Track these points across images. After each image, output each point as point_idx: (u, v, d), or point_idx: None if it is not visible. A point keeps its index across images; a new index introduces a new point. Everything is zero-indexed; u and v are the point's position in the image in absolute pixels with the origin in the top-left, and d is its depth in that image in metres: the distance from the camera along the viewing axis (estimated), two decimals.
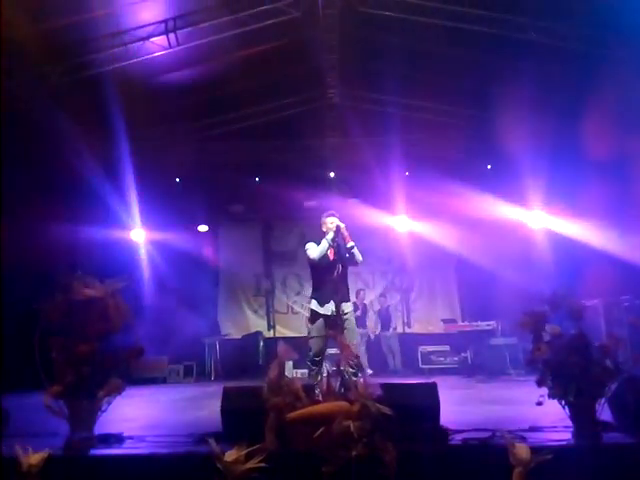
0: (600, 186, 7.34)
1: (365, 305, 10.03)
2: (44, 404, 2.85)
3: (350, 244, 4.71)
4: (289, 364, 7.95)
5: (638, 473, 2.54)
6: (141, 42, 7.26)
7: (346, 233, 4.74)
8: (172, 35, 7.27)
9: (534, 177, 8.52)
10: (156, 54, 7.42)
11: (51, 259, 7.65)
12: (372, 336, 9.96)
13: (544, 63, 7.58)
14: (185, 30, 7.28)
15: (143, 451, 2.83)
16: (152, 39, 7.27)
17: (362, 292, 10.01)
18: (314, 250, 4.73)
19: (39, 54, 6.98)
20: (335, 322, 4.54)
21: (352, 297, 7.68)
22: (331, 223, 4.77)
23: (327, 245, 4.69)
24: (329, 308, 4.59)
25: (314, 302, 4.69)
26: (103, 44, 7.21)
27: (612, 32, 6.81)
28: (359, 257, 4.76)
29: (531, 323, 2.85)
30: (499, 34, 7.25)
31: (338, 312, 4.56)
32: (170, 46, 7.32)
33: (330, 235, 4.71)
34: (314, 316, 4.66)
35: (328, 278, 4.65)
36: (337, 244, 4.73)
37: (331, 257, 4.71)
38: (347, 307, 4.67)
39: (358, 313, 9.42)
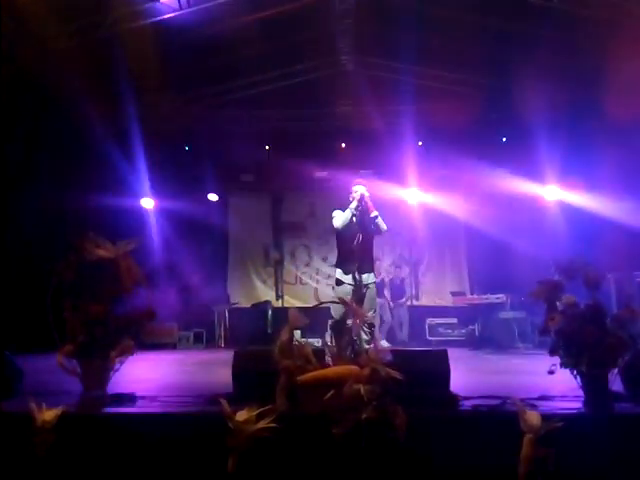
0: (616, 158, 7.20)
1: (381, 275, 10.03)
2: (57, 363, 2.89)
3: (374, 213, 4.69)
4: (297, 333, 8.02)
5: None
6: (151, 3, 7.10)
7: (370, 203, 4.70)
8: None
9: (549, 150, 8.35)
10: (166, 16, 7.26)
11: (63, 226, 7.69)
12: (392, 304, 9.93)
13: (564, 31, 7.33)
14: None
15: (155, 410, 2.86)
16: (162, 0, 7.11)
17: (377, 262, 10.00)
18: (338, 218, 4.71)
19: (47, 16, 6.86)
20: (358, 290, 4.54)
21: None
22: (355, 192, 4.74)
23: (350, 214, 4.67)
24: (352, 277, 4.59)
25: (339, 271, 4.71)
26: (112, 4, 7.05)
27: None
28: (383, 226, 4.74)
29: (545, 292, 2.82)
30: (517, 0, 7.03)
31: (361, 281, 4.55)
32: (181, 7, 7.16)
33: (354, 204, 4.69)
34: (338, 284, 4.68)
35: (352, 247, 4.64)
36: (361, 213, 4.69)
37: (355, 226, 4.68)
38: (370, 277, 4.68)
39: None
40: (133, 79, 7.92)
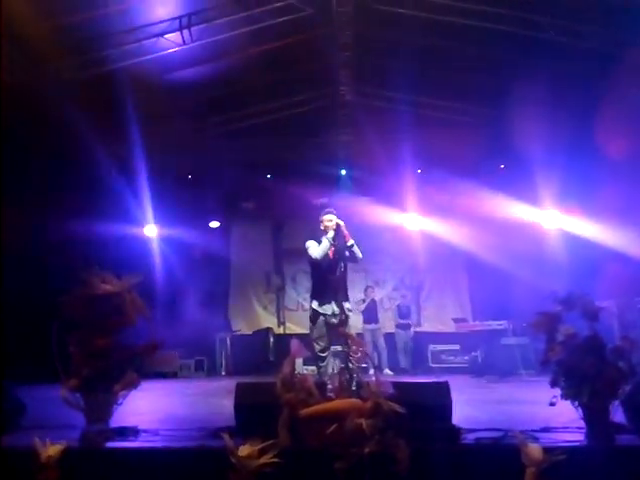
0: (614, 185, 7.27)
1: (374, 301, 10.00)
2: (61, 397, 2.90)
3: (350, 242, 4.68)
4: (299, 361, 7.99)
5: None
6: (155, 39, 7.30)
7: (346, 231, 4.70)
8: (186, 32, 7.30)
9: (548, 176, 8.44)
10: (170, 50, 7.46)
11: (67, 254, 7.75)
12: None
13: (560, 61, 7.51)
14: (199, 27, 7.32)
15: (158, 444, 2.87)
16: (166, 36, 7.31)
17: (370, 289, 10.00)
18: (315, 249, 4.69)
19: (53, 50, 7.04)
20: (336, 321, 4.53)
21: (359, 295, 7.58)
22: (329, 221, 4.72)
23: (328, 244, 4.64)
24: (330, 308, 4.58)
25: (315, 302, 4.67)
26: (117, 40, 7.26)
27: (629, 31, 6.73)
28: (359, 255, 4.73)
29: (545, 323, 2.84)
30: (515, 32, 7.20)
31: (342, 310, 4.56)
32: (184, 43, 7.35)
33: (331, 234, 4.67)
34: (314, 316, 4.65)
35: (328, 277, 4.64)
36: (337, 242, 4.69)
37: (331, 256, 4.67)
38: (347, 306, 4.67)
39: (362, 308, 9.43)
40: (137, 110, 8.08)
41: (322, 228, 4.78)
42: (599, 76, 7.34)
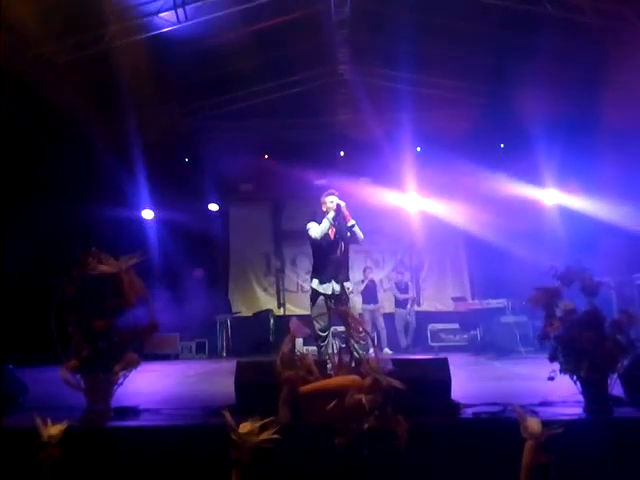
0: (614, 162, 7.23)
1: (373, 282, 10.00)
2: (62, 378, 2.91)
3: (351, 222, 4.70)
4: (299, 341, 8.04)
5: None
6: (150, 17, 7.18)
7: (347, 212, 4.72)
8: (181, 10, 7.18)
9: (548, 154, 8.40)
10: (165, 30, 7.34)
11: (65, 237, 7.73)
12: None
13: (560, 38, 7.39)
14: (194, 5, 7.19)
15: (159, 423, 2.89)
16: (161, 14, 7.18)
17: (368, 269, 10.00)
18: (316, 229, 4.71)
19: (47, 30, 6.93)
20: (336, 301, 4.55)
21: (358, 275, 7.54)
22: (331, 202, 4.75)
23: (328, 224, 4.67)
24: (330, 287, 4.60)
25: (315, 281, 4.69)
26: (112, 19, 7.13)
27: (629, 5, 6.63)
28: (360, 235, 4.75)
29: (543, 298, 2.84)
30: (514, 7, 7.09)
31: (343, 290, 4.57)
32: (179, 21, 7.24)
33: (331, 214, 4.69)
34: (315, 295, 4.67)
35: (329, 257, 4.66)
36: (338, 223, 4.70)
37: (332, 236, 4.70)
38: (348, 285, 4.68)
39: (361, 289, 9.43)
40: (132, 92, 7.98)
41: (324, 209, 4.80)
42: (600, 53, 7.24)
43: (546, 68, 7.42)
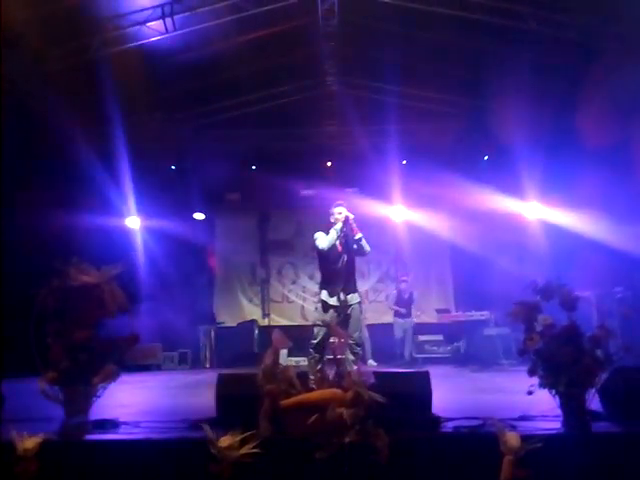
0: (596, 177, 7.35)
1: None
2: (40, 390, 2.86)
3: (358, 235, 4.72)
4: (283, 352, 8.00)
5: (626, 461, 2.58)
6: (138, 27, 7.19)
7: (354, 224, 4.75)
8: (169, 20, 7.20)
9: (530, 168, 8.52)
10: (153, 39, 7.35)
11: (46, 245, 7.62)
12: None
13: (543, 53, 7.56)
14: (182, 15, 7.22)
15: (138, 436, 2.85)
16: (149, 24, 7.20)
17: (362, 280, 9.95)
18: (323, 240, 4.73)
19: (36, 38, 6.90)
20: (342, 312, 4.58)
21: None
22: (339, 214, 4.77)
23: (336, 235, 4.68)
24: (337, 299, 4.62)
25: (324, 292, 4.70)
26: (100, 28, 7.12)
27: (610, 23, 6.80)
28: (367, 248, 4.78)
29: (523, 313, 2.87)
30: (498, 23, 7.23)
31: (346, 303, 4.59)
32: (167, 31, 7.26)
33: (339, 225, 4.71)
34: (325, 306, 4.68)
35: (336, 269, 4.68)
36: (345, 235, 4.73)
37: (339, 248, 4.72)
38: (354, 298, 4.70)
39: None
40: (119, 100, 7.96)
41: (332, 220, 4.81)
42: (580, 67, 7.41)
43: (529, 82, 7.56)
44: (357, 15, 7.90)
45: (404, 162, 10.47)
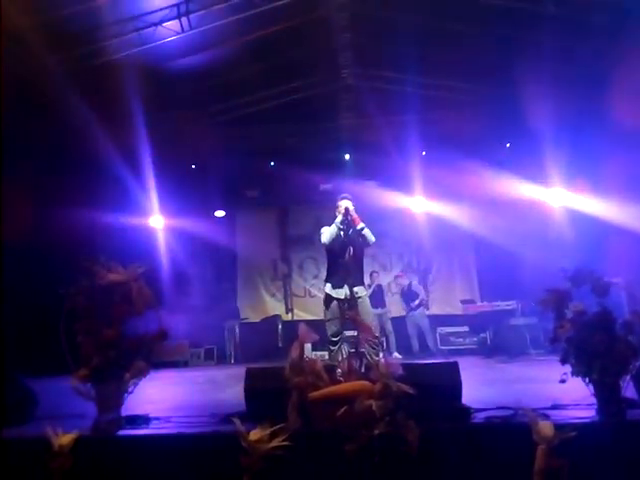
0: (621, 161, 7.17)
1: (381, 286, 9.94)
2: (72, 387, 2.92)
3: (360, 226, 4.68)
4: (308, 346, 8.02)
5: None
6: (153, 27, 7.24)
7: (355, 215, 4.70)
8: (184, 19, 7.24)
9: (554, 154, 8.35)
10: (169, 39, 7.40)
11: (72, 244, 7.76)
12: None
13: (565, 35, 7.37)
14: (197, 14, 7.25)
15: (170, 431, 2.89)
16: (164, 24, 7.24)
17: (375, 274, 9.93)
18: (325, 234, 4.73)
19: (53, 41, 6.99)
20: (349, 305, 4.55)
21: (365, 279, 7.58)
22: (340, 206, 4.77)
23: (336, 228, 4.68)
24: (342, 292, 4.59)
25: (328, 285, 4.70)
26: (116, 30, 7.19)
27: (636, 3, 6.60)
28: (371, 238, 4.73)
29: (554, 301, 2.82)
30: (517, 7, 7.08)
31: (352, 295, 4.56)
32: (183, 30, 7.30)
33: (339, 218, 4.70)
34: (328, 299, 4.68)
35: (341, 261, 4.65)
36: (347, 227, 4.70)
37: (344, 240, 4.69)
38: (361, 290, 4.67)
39: (368, 293, 9.29)
40: (138, 100, 8.03)
41: (336, 214, 4.81)
42: (605, 50, 7.20)
43: (552, 66, 7.39)
44: (371, 6, 7.81)
45: (424, 153, 10.36)
